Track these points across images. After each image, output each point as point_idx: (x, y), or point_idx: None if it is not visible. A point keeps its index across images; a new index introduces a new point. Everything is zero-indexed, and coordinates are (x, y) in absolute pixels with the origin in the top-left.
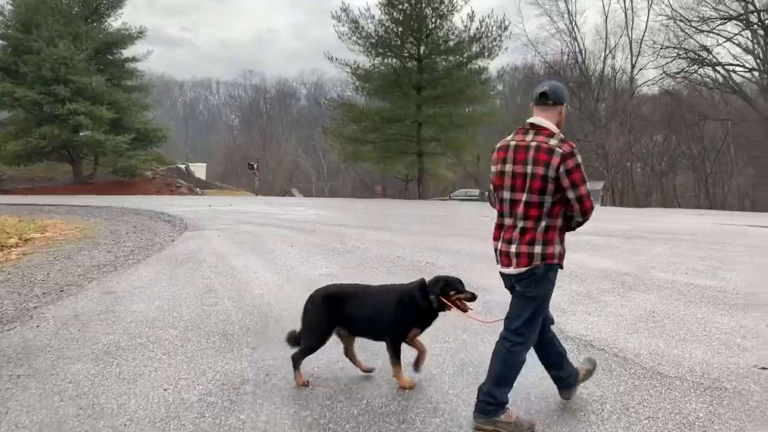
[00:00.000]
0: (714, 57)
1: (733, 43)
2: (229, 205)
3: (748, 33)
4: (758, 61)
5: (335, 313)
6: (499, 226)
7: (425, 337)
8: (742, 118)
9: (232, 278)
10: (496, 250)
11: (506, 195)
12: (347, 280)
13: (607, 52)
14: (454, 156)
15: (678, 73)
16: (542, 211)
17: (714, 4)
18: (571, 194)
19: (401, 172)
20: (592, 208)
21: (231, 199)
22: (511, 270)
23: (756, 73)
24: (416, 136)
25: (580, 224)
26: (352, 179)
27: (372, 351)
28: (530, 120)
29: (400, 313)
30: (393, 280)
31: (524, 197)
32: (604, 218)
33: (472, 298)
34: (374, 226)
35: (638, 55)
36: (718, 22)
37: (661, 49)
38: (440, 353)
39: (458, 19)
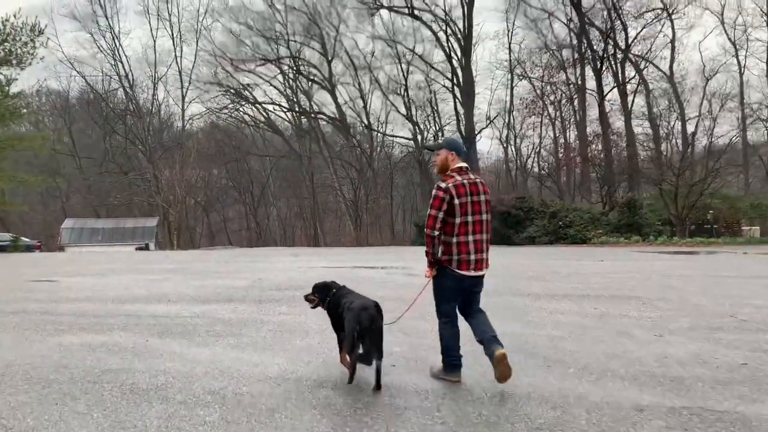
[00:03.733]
0: (253, 96)
1: (271, 84)
2: None
3: (280, 77)
4: (291, 102)
5: None
6: (466, 243)
7: None
8: (281, 155)
9: None
10: (470, 260)
11: (470, 218)
12: None
13: (156, 80)
14: None
15: (221, 109)
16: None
17: (252, 47)
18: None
19: None
20: None
21: None
22: (483, 271)
23: (289, 114)
24: None
25: None
26: None
27: None
28: (464, 165)
29: None
30: None
31: (484, 217)
32: (202, 271)
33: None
34: None
35: (189, 87)
36: (257, 63)
37: (205, 84)
38: None
39: None
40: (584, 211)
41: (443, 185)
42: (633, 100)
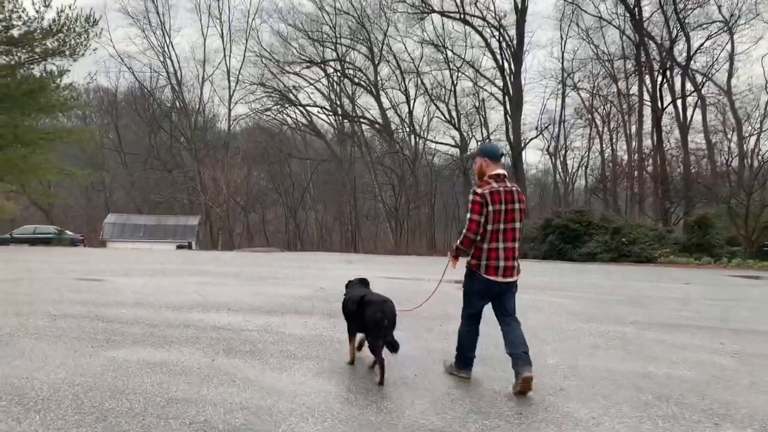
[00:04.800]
0: (297, 99)
1: (315, 87)
2: None
3: (324, 80)
4: (335, 106)
5: None
6: (496, 249)
7: None
8: (322, 159)
9: None
10: (498, 266)
11: (503, 226)
12: None
13: (204, 78)
14: (16, 181)
15: (265, 111)
16: None
17: (298, 49)
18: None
19: None
20: None
21: None
22: (514, 278)
23: (332, 118)
24: None
25: None
26: None
27: None
28: (503, 172)
29: None
30: None
31: (517, 225)
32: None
33: None
34: None
35: (236, 87)
36: (303, 65)
37: (250, 84)
38: None
39: (28, 2)
40: (649, 227)
41: (479, 191)
42: (692, 115)
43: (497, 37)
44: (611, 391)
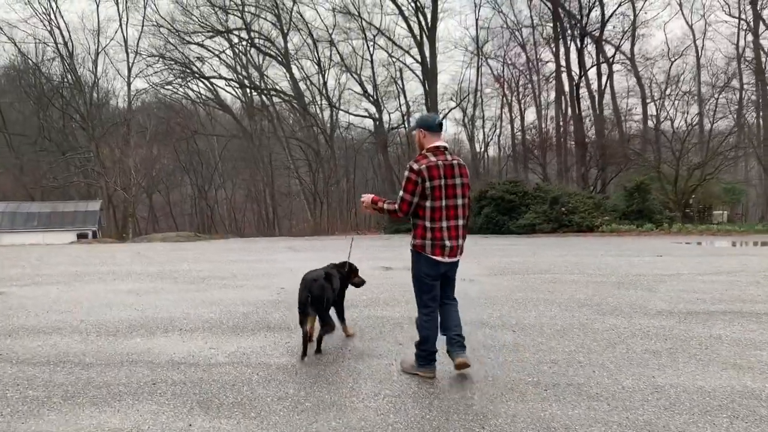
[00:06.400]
0: (201, 71)
1: (220, 59)
2: None
3: (230, 51)
4: (242, 78)
5: None
6: (440, 228)
7: None
8: (231, 135)
9: None
10: (444, 246)
11: (444, 203)
12: None
13: (98, 50)
14: None
15: (166, 84)
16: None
17: (200, 19)
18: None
19: None
20: None
21: None
22: (457, 258)
23: (240, 91)
24: None
25: None
26: None
27: None
28: (442, 144)
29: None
30: None
31: (460, 202)
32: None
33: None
34: None
35: (135, 60)
36: (206, 35)
37: (149, 57)
38: None
39: None
40: (585, 195)
41: (415, 166)
42: (606, 82)
43: (413, 6)
44: (744, 428)
